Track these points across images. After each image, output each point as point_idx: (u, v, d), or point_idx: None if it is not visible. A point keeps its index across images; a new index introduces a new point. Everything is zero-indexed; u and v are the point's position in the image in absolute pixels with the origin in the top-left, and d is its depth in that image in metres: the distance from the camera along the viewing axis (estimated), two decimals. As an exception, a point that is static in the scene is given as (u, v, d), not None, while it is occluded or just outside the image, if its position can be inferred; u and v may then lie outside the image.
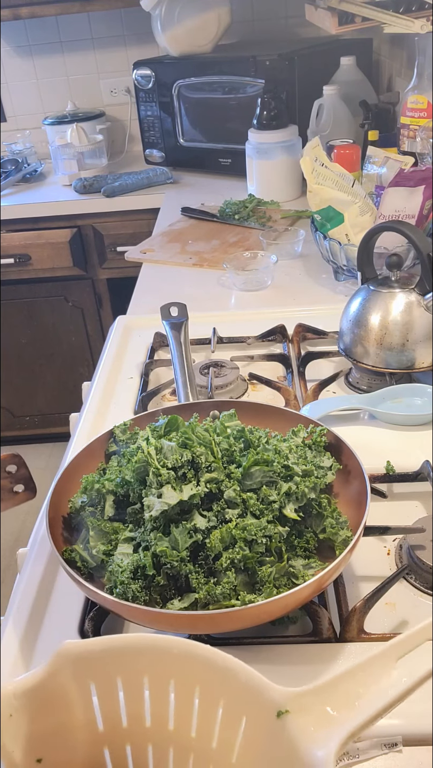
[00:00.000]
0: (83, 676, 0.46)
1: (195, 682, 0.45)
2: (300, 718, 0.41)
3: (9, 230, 2.27)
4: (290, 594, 0.61)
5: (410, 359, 1.01)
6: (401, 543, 0.78)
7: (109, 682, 0.46)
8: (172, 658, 0.45)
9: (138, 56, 2.36)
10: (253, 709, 0.43)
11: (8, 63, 2.62)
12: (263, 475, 0.70)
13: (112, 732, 0.47)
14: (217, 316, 1.32)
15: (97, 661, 0.46)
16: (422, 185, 1.24)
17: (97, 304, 2.42)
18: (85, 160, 2.38)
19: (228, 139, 2.15)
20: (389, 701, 0.39)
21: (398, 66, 2.04)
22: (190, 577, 0.65)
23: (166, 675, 0.45)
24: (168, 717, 0.46)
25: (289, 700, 0.41)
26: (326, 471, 0.75)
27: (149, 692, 0.46)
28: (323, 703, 0.41)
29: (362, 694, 0.40)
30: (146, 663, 0.45)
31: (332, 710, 0.40)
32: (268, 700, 0.42)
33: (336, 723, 0.40)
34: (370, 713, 0.39)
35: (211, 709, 0.45)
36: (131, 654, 0.46)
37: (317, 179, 1.38)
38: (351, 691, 0.41)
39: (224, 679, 0.44)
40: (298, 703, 0.41)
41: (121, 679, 0.46)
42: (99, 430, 0.99)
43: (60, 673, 0.45)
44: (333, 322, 1.13)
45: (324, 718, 0.40)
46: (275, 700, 0.42)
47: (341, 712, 0.40)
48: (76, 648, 0.46)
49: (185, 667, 0.45)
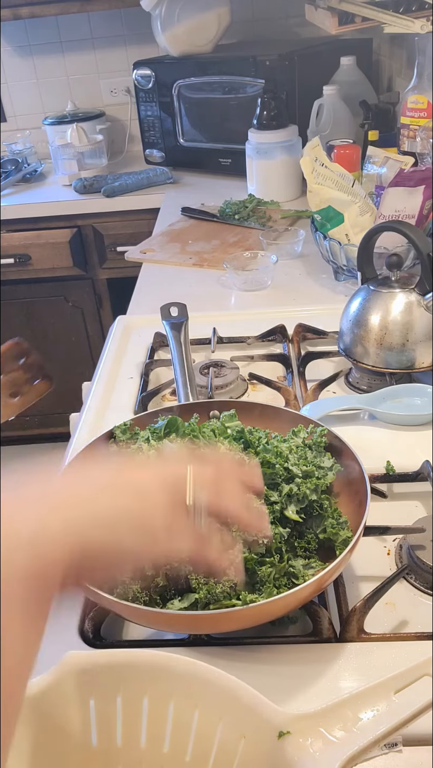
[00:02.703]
0: (85, 688, 0.45)
1: (196, 701, 0.45)
2: (301, 740, 0.41)
3: (9, 230, 2.27)
4: (290, 594, 0.61)
5: (410, 359, 1.01)
6: (401, 543, 0.78)
7: (109, 697, 0.46)
8: (175, 677, 0.45)
9: (138, 56, 2.36)
10: (253, 730, 0.43)
11: (8, 63, 2.62)
12: (266, 478, 0.70)
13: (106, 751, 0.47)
14: (217, 316, 1.32)
15: (100, 674, 0.45)
16: (422, 185, 1.24)
17: (97, 304, 2.42)
18: (85, 160, 2.38)
19: (228, 139, 2.15)
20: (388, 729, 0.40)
21: (398, 66, 2.04)
22: (190, 578, 0.65)
23: (167, 693, 0.45)
24: (165, 738, 0.46)
25: (290, 722, 0.41)
26: (327, 471, 0.75)
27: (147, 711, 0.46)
28: (323, 727, 0.41)
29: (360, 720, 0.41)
30: (148, 680, 0.45)
31: (332, 735, 0.40)
32: (268, 721, 0.42)
33: (336, 747, 0.40)
34: (369, 739, 0.40)
35: (210, 729, 0.44)
36: (135, 670, 0.45)
37: (317, 179, 1.38)
38: (350, 716, 0.41)
39: (224, 699, 0.43)
40: (299, 726, 0.41)
41: (121, 696, 0.46)
42: (99, 430, 0.99)
43: (64, 682, 0.45)
44: (333, 322, 1.13)
45: (324, 742, 0.40)
46: (275, 722, 0.42)
47: (341, 736, 0.40)
48: (81, 659, 0.46)
49: (187, 686, 0.45)
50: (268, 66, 1.97)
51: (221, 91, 2.11)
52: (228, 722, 0.44)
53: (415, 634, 0.68)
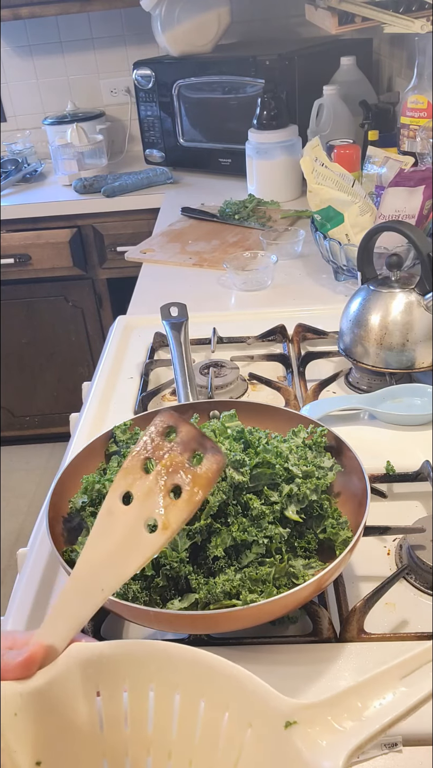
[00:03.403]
0: (91, 679, 0.45)
1: (202, 690, 0.45)
2: (308, 729, 0.41)
3: (9, 230, 2.27)
4: (290, 594, 0.61)
5: (410, 359, 1.01)
6: (401, 543, 0.78)
7: (115, 687, 0.46)
8: (181, 666, 0.45)
9: (138, 56, 2.36)
10: (259, 719, 0.43)
11: (8, 63, 2.62)
12: (266, 478, 0.70)
13: (113, 740, 0.47)
14: (217, 316, 1.32)
15: (105, 664, 0.45)
16: (422, 185, 1.24)
17: (97, 304, 2.42)
18: (85, 160, 2.38)
19: (228, 139, 2.15)
20: (394, 717, 0.40)
21: (398, 66, 2.04)
22: (189, 578, 0.65)
23: (173, 682, 0.45)
24: (171, 726, 0.46)
25: (297, 711, 0.41)
26: (327, 471, 0.75)
27: (154, 700, 0.46)
28: (329, 717, 0.41)
29: (367, 709, 0.41)
30: (154, 669, 0.45)
31: (339, 724, 0.40)
32: (275, 710, 0.42)
33: (343, 736, 0.40)
34: (376, 728, 0.40)
35: (216, 718, 0.44)
36: (140, 659, 0.45)
37: (317, 179, 1.38)
38: (357, 705, 0.41)
39: (230, 688, 0.43)
40: (306, 715, 0.41)
41: (128, 686, 0.46)
42: (99, 430, 0.99)
43: (69, 674, 0.45)
44: (333, 322, 1.13)
45: (331, 731, 0.40)
46: (282, 711, 0.42)
47: (348, 725, 0.40)
48: (86, 650, 0.45)
49: (193, 674, 0.45)
50: (268, 66, 1.97)
51: (220, 91, 2.11)
52: (234, 711, 0.44)
53: (415, 634, 0.68)
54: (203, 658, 0.44)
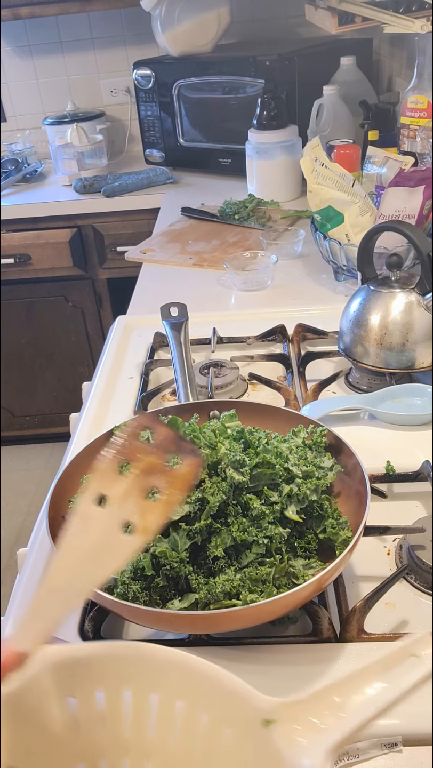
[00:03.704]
0: (65, 682, 0.45)
1: (179, 691, 0.44)
2: (287, 727, 0.40)
3: (9, 230, 2.27)
4: (290, 594, 0.61)
5: (410, 359, 1.01)
6: (401, 543, 0.78)
7: (90, 690, 0.45)
8: (156, 667, 0.44)
9: (138, 56, 2.36)
10: (238, 718, 0.42)
11: (8, 63, 2.62)
12: (266, 478, 0.70)
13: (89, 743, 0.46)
14: (217, 316, 1.32)
15: (79, 667, 0.44)
16: (422, 185, 1.24)
17: (97, 304, 2.42)
18: (85, 160, 2.38)
19: (228, 139, 2.15)
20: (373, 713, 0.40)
21: (398, 66, 2.04)
22: (189, 578, 0.65)
23: (150, 684, 0.44)
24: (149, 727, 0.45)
25: (276, 710, 0.41)
26: (327, 471, 0.75)
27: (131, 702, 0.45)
28: (309, 714, 0.41)
29: (347, 705, 0.40)
30: (130, 672, 0.44)
31: (318, 721, 0.40)
32: (254, 709, 0.42)
33: (323, 733, 0.40)
34: (355, 724, 0.40)
35: (194, 719, 0.44)
36: (115, 661, 0.45)
37: (317, 179, 1.38)
38: (336, 702, 0.41)
39: (208, 688, 0.43)
40: (285, 713, 0.41)
41: (103, 688, 0.45)
42: (99, 430, 0.99)
43: (41, 678, 0.44)
44: (333, 322, 1.13)
45: (311, 728, 0.40)
46: (261, 709, 0.41)
47: (327, 722, 0.40)
48: (59, 653, 0.45)
49: (169, 675, 0.44)
50: (268, 66, 1.97)
51: (220, 91, 2.11)
52: (213, 711, 0.43)
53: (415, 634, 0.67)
54: (180, 658, 0.44)
